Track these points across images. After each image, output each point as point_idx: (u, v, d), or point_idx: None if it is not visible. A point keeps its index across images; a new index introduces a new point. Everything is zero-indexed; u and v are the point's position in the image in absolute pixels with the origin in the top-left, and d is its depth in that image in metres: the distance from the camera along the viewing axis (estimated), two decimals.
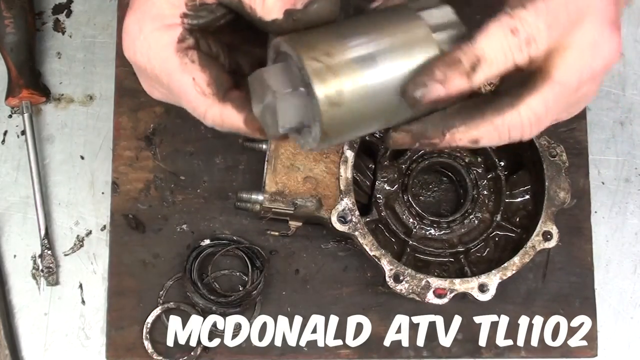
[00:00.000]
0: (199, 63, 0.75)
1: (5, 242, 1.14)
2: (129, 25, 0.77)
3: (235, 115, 0.76)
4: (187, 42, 0.76)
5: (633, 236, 1.19)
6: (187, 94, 0.76)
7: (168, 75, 0.76)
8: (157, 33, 0.75)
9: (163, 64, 0.76)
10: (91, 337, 1.12)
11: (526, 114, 0.75)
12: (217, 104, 0.76)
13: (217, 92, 0.75)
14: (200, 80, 0.75)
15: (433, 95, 0.73)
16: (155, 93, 0.81)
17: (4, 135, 1.16)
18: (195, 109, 0.77)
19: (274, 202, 1.06)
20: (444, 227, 1.10)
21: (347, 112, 0.73)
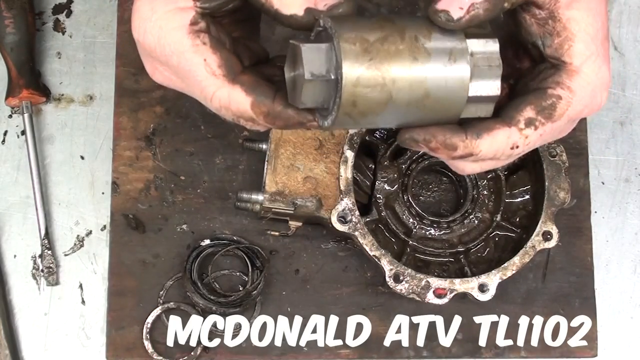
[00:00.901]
0: (210, 45, 0.76)
1: (5, 242, 1.14)
2: (141, 6, 0.77)
3: (244, 97, 0.77)
4: (199, 25, 0.77)
5: (633, 236, 1.19)
6: (197, 74, 0.76)
7: (179, 56, 0.77)
8: (169, 14, 0.76)
9: (174, 45, 0.76)
10: (91, 337, 1.12)
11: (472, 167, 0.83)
12: (226, 85, 0.77)
13: (227, 74, 0.76)
14: (212, 61, 0.76)
15: (417, 148, 0.79)
16: (159, 76, 0.82)
17: (4, 135, 1.16)
18: (203, 89, 0.77)
19: (274, 202, 1.06)
20: (444, 227, 1.10)
21: (365, 110, 0.75)
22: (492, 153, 0.79)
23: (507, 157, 0.81)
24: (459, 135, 0.78)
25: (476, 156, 0.79)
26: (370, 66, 0.74)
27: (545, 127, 0.79)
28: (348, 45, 0.74)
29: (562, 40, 0.79)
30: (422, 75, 0.75)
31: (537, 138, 0.80)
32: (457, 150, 0.78)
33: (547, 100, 0.79)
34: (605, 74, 0.80)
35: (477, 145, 0.78)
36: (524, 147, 0.80)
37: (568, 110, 0.79)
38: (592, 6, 0.80)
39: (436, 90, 0.76)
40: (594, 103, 0.81)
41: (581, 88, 0.79)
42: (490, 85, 0.78)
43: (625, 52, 1.23)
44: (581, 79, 0.79)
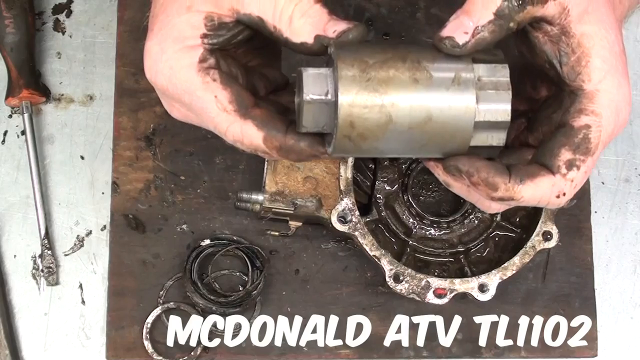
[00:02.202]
0: (220, 82, 0.77)
1: (5, 242, 1.14)
2: (151, 47, 0.78)
3: (256, 132, 0.77)
4: (209, 62, 0.77)
5: (633, 236, 1.19)
6: (209, 111, 0.77)
7: (190, 95, 0.77)
8: (179, 54, 0.77)
9: (185, 84, 0.77)
10: (91, 337, 1.12)
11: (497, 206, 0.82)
12: (238, 121, 0.77)
13: (239, 109, 0.77)
14: (222, 97, 0.76)
15: (457, 181, 0.78)
16: (175, 112, 0.83)
17: (4, 135, 1.16)
18: (217, 125, 0.78)
19: (274, 202, 1.06)
20: (444, 227, 1.10)
21: (364, 132, 0.75)
22: (536, 200, 0.78)
23: (555, 206, 0.79)
24: (502, 176, 0.77)
25: (517, 201, 0.78)
26: (368, 87, 0.74)
27: (588, 163, 0.77)
28: (346, 67, 0.74)
29: (578, 57, 0.77)
30: (423, 98, 0.75)
31: (583, 177, 0.78)
32: (497, 191, 0.77)
33: (578, 135, 0.77)
34: (626, 89, 0.78)
35: (519, 191, 0.77)
36: (571, 191, 0.78)
37: (601, 136, 0.77)
38: (604, 18, 0.78)
39: (439, 114, 0.75)
40: (620, 119, 0.78)
41: (605, 108, 0.77)
42: (499, 111, 0.76)
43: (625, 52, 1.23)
44: (603, 98, 0.77)
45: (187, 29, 0.77)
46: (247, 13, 0.77)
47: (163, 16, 0.78)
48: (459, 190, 0.80)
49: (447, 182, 0.80)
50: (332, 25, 0.76)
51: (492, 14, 0.75)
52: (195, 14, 0.77)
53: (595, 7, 0.77)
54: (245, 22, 0.78)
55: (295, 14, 0.76)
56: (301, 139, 0.78)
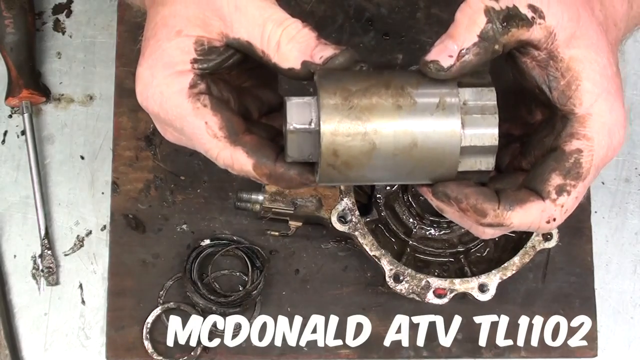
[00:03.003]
0: (210, 107, 0.76)
1: (5, 242, 1.14)
2: (142, 72, 0.78)
3: (245, 159, 0.77)
4: (199, 88, 0.77)
5: (633, 236, 1.19)
6: (200, 137, 0.77)
7: (181, 120, 0.77)
8: (169, 79, 0.77)
9: (176, 109, 0.77)
10: (91, 337, 1.12)
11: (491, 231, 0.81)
12: (228, 147, 0.77)
13: (229, 136, 0.77)
14: (213, 123, 0.76)
15: (447, 207, 0.78)
16: (169, 136, 0.83)
17: (4, 135, 1.17)
18: (208, 151, 0.78)
19: (274, 202, 1.06)
20: (444, 227, 1.10)
21: (349, 160, 0.74)
22: (526, 226, 0.77)
23: (545, 230, 0.79)
24: (491, 203, 0.76)
25: (506, 227, 0.77)
26: (350, 114, 0.73)
27: (579, 188, 0.77)
28: (328, 95, 0.73)
29: (568, 81, 0.76)
30: (407, 124, 0.74)
31: (574, 202, 0.77)
32: (486, 217, 0.76)
33: (569, 160, 0.76)
34: (619, 112, 0.77)
35: (508, 217, 0.76)
36: (561, 217, 0.78)
37: (593, 160, 0.76)
38: (594, 42, 0.77)
39: (424, 140, 0.74)
40: (614, 143, 0.77)
41: (597, 132, 0.76)
42: (485, 135, 0.75)
43: (625, 52, 1.23)
44: (595, 122, 0.76)
45: (177, 53, 0.76)
46: (236, 37, 0.76)
47: (153, 41, 0.77)
48: (452, 216, 0.80)
49: (439, 208, 0.80)
50: (319, 50, 0.75)
51: (477, 36, 0.74)
52: (185, 39, 0.76)
53: (584, 31, 0.76)
54: (235, 47, 0.77)
55: (283, 39, 0.75)
56: (291, 168, 0.77)
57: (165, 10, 0.77)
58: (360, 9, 1.17)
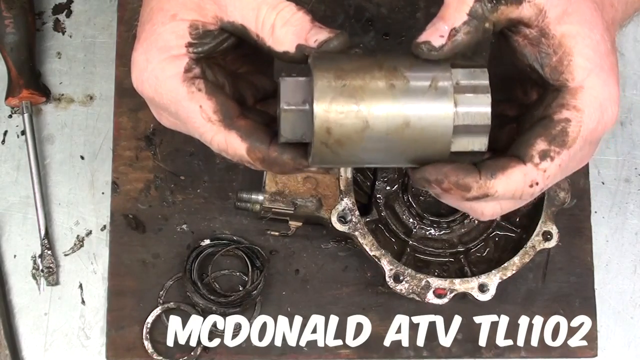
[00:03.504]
0: (205, 91, 0.77)
1: (5, 242, 1.14)
2: (137, 57, 0.78)
3: (239, 143, 0.77)
4: (194, 72, 0.77)
5: (633, 236, 1.19)
6: (195, 121, 0.77)
7: (176, 104, 0.77)
8: (164, 64, 0.77)
9: (170, 93, 0.77)
10: (91, 337, 1.12)
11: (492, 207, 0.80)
12: (222, 131, 0.77)
13: (223, 120, 0.77)
14: (207, 107, 0.76)
15: (431, 189, 0.77)
16: (164, 121, 0.83)
17: (4, 135, 1.17)
18: (202, 135, 0.78)
19: (274, 202, 1.06)
20: (444, 227, 1.10)
21: (341, 139, 0.74)
22: (511, 193, 0.77)
23: (529, 196, 0.78)
24: (472, 176, 0.76)
25: (492, 197, 0.77)
26: (344, 92, 0.73)
27: (562, 156, 0.76)
28: (322, 74, 0.74)
29: (560, 57, 0.76)
30: (399, 103, 0.74)
31: (557, 169, 0.77)
32: (470, 191, 0.76)
33: (556, 127, 0.76)
34: (612, 88, 0.77)
35: (492, 186, 0.76)
36: (544, 182, 0.77)
37: (581, 131, 0.76)
38: (587, 18, 0.77)
39: (417, 120, 0.74)
40: (606, 118, 0.77)
41: (588, 104, 0.76)
42: (478, 114, 0.75)
43: (625, 52, 1.23)
44: (586, 94, 0.76)
45: (172, 38, 0.77)
46: (231, 21, 0.77)
47: (149, 25, 0.78)
48: (451, 201, 0.80)
49: (437, 194, 0.79)
50: (314, 34, 0.76)
51: (466, 14, 0.74)
52: (180, 23, 0.77)
53: (576, 8, 0.76)
54: (230, 30, 0.78)
55: (278, 23, 0.76)
56: (284, 152, 0.77)
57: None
58: (360, 9, 1.17)
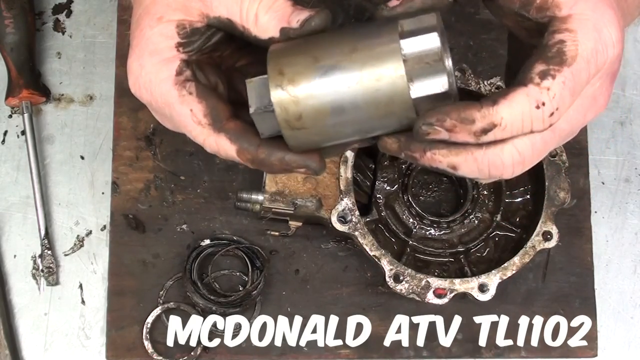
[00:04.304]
0: (196, 95, 0.77)
1: (5, 242, 1.14)
2: (132, 63, 0.79)
3: (229, 145, 0.78)
4: (185, 75, 0.78)
5: (633, 236, 1.19)
6: (186, 124, 0.78)
7: (170, 107, 0.78)
8: (156, 67, 0.78)
9: (164, 97, 0.78)
10: (91, 337, 1.12)
11: (509, 152, 0.75)
12: (212, 134, 0.78)
13: (213, 123, 0.78)
14: (197, 111, 0.77)
15: (437, 137, 0.74)
16: (167, 123, 0.84)
17: (4, 135, 1.17)
18: (195, 137, 0.79)
19: (274, 202, 1.06)
20: (444, 227, 1.10)
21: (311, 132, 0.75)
22: (518, 119, 0.73)
23: (540, 122, 0.74)
24: (473, 107, 0.73)
25: (500, 128, 0.73)
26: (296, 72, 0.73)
27: (565, 73, 0.73)
28: (275, 59, 0.74)
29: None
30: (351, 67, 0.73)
31: (561, 88, 0.73)
32: (475, 122, 0.73)
33: (552, 50, 0.74)
34: (604, 11, 0.75)
35: (496, 112, 0.73)
36: (551, 102, 0.73)
37: (579, 49, 0.74)
38: None
39: (368, 75, 0.72)
40: (603, 37, 0.75)
41: (580, 26, 0.74)
42: (435, 82, 0.73)
43: (625, 52, 1.22)
44: (576, 19, 0.75)
45: (161, 40, 0.78)
46: (217, 16, 0.77)
47: (138, 31, 0.79)
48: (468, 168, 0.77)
49: (453, 164, 0.76)
50: (296, 15, 0.76)
51: None
52: (167, 24, 0.78)
53: None
54: (216, 25, 0.78)
55: (260, 11, 0.76)
56: (272, 154, 0.78)
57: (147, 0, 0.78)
58: (360, 9, 1.17)
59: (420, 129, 0.74)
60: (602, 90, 0.77)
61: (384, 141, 0.77)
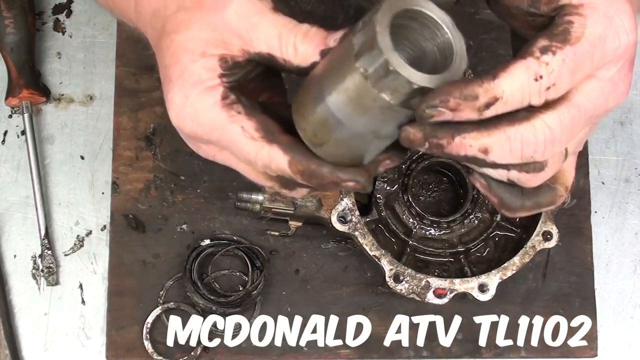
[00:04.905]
0: (245, 113, 0.79)
1: (5, 242, 1.14)
2: (173, 96, 0.80)
3: (282, 156, 0.79)
4: (230, 99, 0.79)
5: (633, 236, 1.19)
6: (238, 142, 0.79)
7: (218, 131, 0.79)
8: (201, 96, 0.79)
9: (212, 122, 0.79)
10: (91, 337, 1.12)
11: (541, 129, 0.75)
12: (265, 146, 0.79)
13: (266, 135, 0.79)
14: (249, 127, 0.78)
15: (440, 118, 0.73)
16: (202, 153, 0.85)
17: (4, 135, 1.17)
18: (247, 154, 0.80)
19: (274, 202, 1.06)
20: (444, 227, 1.10)
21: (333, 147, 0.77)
22: (518, 92, 0.74)
23: (537, 95, 0.74)
24: (474, 83, 0.73)
25: (502, 101, 0.73)
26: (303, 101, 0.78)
27: (566, 52, 0.74)
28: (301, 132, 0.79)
29: None
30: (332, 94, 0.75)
31: (561, 65, 0.74)
32: (478, 98, 0.73)
33: (558, 28, 0.75)
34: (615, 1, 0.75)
35: (497, 85, 0.73)
36: (549, 76, 0.74)
37: (585, 32, 0.74)
38: None
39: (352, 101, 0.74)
40: (614, 25, 0.75)
41: (591, 12, 0.75)
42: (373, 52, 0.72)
43: None
44: (587, 7, 0.75)
45: (204, 72, 0.79)
46: (257, 52, 0.79)
47: (177, 66, 0.79)
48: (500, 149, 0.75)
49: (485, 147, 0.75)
50: (331, 37, 0.78)
51: None
52: (210, 58, 0.79)
53: None
54: (257, 60, 0.80)
55: (298, 42, 0.78)
56: (324, 165, 0.79)
57: (181, 36, 0.79)
58: (360, 9, 1.17)
59: (424, 112, 0.73)
60: (622, 76, 0.77)
61: (406, 132, 0.75)
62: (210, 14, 0.79)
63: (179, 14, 0.80)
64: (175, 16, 0.80)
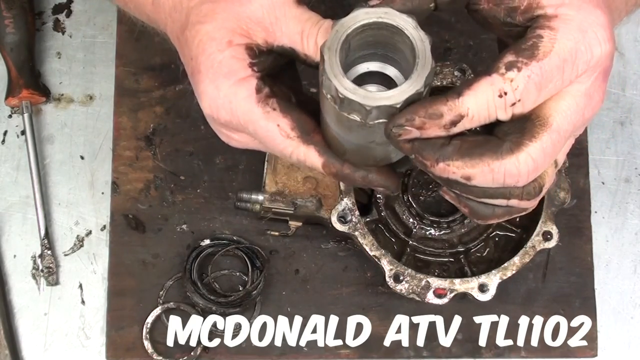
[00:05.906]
0: (280, 110, 0.79)
1: (5, 242, 1.14)
2: (206, 87, 0.80)
3: (317, 157, 0.81)
4: (264, 91, 0.80)
5: (633, 236, 1.19)
6: (274, 139, 0.80)
7: (254, 124, 0.80)
8: (234, 88, 0.79)
9: (247, 115, 0.80)
10: (91, 337, 1.12)
11: (525, 161, 0.76)
12: (302, 146, 0.80)
13: (301, 135, 0.80)
14: (284, 125, 0.79)
15: (409, 136, 0.75)
16: (234, 143, 0.86)
17: (4, 135, 1.17)
18: (282, 150, 0.81)
19: (274, 202, 1.06)
20: (444, 227, 1.10)
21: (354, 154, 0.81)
22: (484, 108, 0.74)
23: (502, 110, 0.74)
24: (439, 101, 0.74)
25: (468, 118, 0.74)
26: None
27: (532, 68, 0.74)
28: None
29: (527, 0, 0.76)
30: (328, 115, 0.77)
31: (526, 81, 0.74)
32: (443, 116, 0.74)
33: (527, 42, 0.75)
34: (590, 11, 0.75)
35: (462, 103, 0.74)
36: (513, 92, 0.74)
37: (554, 47, 0.74)
38: None
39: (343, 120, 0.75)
40: (587, 39, 0.75)
41: (564, 25, 0.74)
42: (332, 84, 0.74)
43: (625, 52, 1.23)
44: (561, 19, 0.75)
45: (234, 62, 0.79)
46: (280, 45, 0.80)
47: (204, 57, 0.80)
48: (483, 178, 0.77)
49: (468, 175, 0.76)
50: None
51: None
52: (237, 47, 0.79)
53: None
54: (279, 52, 0.81)
55: (320, 38, 0.79)
56: (357, 171, 0.81)
57: (207, 26, 0.80)
58: None
59: (391, 132, 0.74)
60: (596, 87, 0.77)
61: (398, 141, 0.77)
62: (235, 5, 0.80)
63: (203, 6, 0.81)
64: (199, 7, 0.81)
